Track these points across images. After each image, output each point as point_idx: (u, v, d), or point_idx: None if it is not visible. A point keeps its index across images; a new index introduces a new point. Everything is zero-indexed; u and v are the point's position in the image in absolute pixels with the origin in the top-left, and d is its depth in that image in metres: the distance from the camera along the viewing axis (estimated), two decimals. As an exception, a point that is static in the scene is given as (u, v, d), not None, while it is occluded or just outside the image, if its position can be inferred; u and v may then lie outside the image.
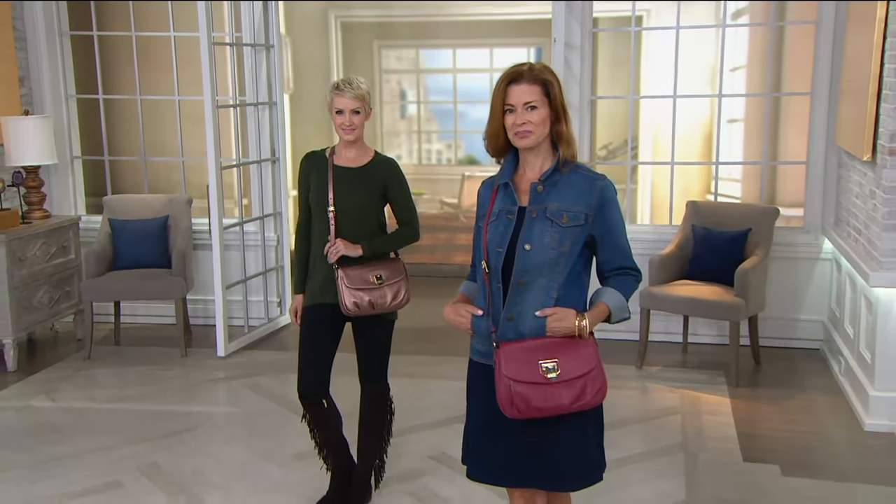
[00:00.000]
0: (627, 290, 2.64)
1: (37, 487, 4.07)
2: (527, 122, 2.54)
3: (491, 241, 2.59)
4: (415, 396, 5.07)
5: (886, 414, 4.59)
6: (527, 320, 2.56)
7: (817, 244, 5.85)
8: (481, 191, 2.72)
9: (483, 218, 2.65)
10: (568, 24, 5.91)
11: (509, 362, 2.51)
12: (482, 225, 2.64)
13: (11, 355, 5.70)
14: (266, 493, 3.99)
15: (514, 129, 2.55)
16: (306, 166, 3.69)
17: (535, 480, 2.65)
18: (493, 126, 2.60)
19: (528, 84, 2.55)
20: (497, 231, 2.59)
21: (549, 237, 2.54)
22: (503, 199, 2.62)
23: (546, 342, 2.53)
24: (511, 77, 2.57)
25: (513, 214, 2.59)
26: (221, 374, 5.60)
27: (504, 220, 2.59)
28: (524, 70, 2.57)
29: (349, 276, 3.56)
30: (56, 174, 6.65)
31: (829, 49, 5.67)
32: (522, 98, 2.54)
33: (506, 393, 2.50)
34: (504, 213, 2.60)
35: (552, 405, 2.50)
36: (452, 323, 2.68)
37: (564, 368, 2.51)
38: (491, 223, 2.61)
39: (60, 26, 6.61)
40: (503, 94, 2.56)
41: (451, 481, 4.03)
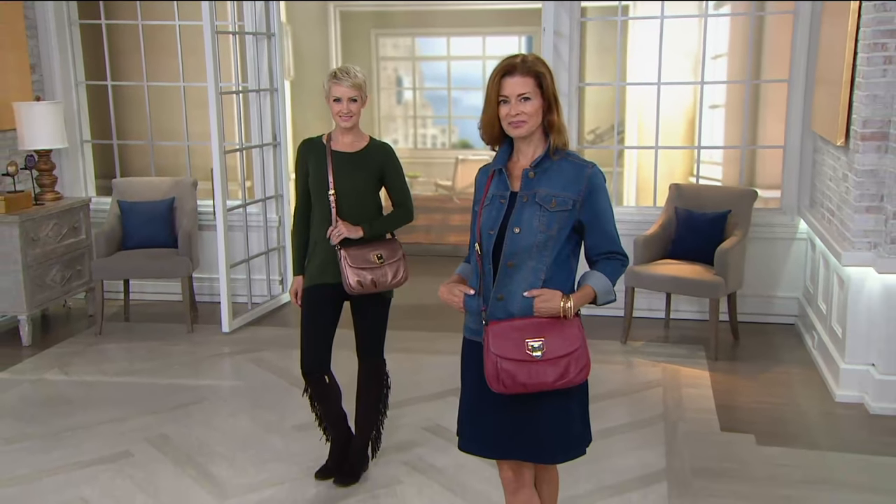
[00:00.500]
0: (614, 274, 2.64)
1: (50, 457, 4.10)
2: (520, 113, 2.53)
3: (484, 224, 2.60)
4: (411, 371, 5.10)
5: (855, 386, 4.63)
6: (516, 300, 2.57)
7: (793, 225, 5.87)
8: (478, 177, 2.73)
9: (479, 203, 2.66)
10: (557, 14, 5.89)
11: (497, 340, 2.53)
12: (477, 209, 2.66)
13: (26, 331, 5.71)
14: (269, 463, 4.02)
15: (508, 119, 2.55)
16: (304, 152, 3.69)
17: (520, 453, 2.67)
18: (489, 116, 2.60)
19: (522, 76, 2.54)
20: (490, 215, 2.60)
21: (538, 221, 2.54)
22: (497, 185, 2.63)
23: (533, 322, 2.54)
24: (505, 69, 2.55)
25: (505, 199, 2.60)
26: (226, 350, 5.62)
27: (497, 205, 2.60)
28: (517, 62, 2.55)
29: (352, 256, 3.57)
30: (67, 157, 6.64)
31: (806, 38, 5.67)
32: (516, 90, 2.53)
33: (493, 369, 2.52)
34: (497, 197, 2.61)
35: (536, 381, 2.51)
36: (446, 301, 2.69)
37: (549, 347, 2.52)
38: (485, 207, 2.62)
39: (70, 16, 6.57)
40: (498, 85, 2.55)
41: (444, 452, 4.06)
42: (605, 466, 3.92)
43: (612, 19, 7.63)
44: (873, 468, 3.93)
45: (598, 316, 5.56)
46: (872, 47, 4.37)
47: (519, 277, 2.56)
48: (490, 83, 2.58)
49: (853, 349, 4.62)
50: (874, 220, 4.49)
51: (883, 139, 4.43)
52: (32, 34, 6.44)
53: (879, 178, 4.46)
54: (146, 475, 3.91)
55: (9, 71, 6.08)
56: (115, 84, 6.74)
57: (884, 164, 4.44)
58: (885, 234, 4.42)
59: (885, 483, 3.80)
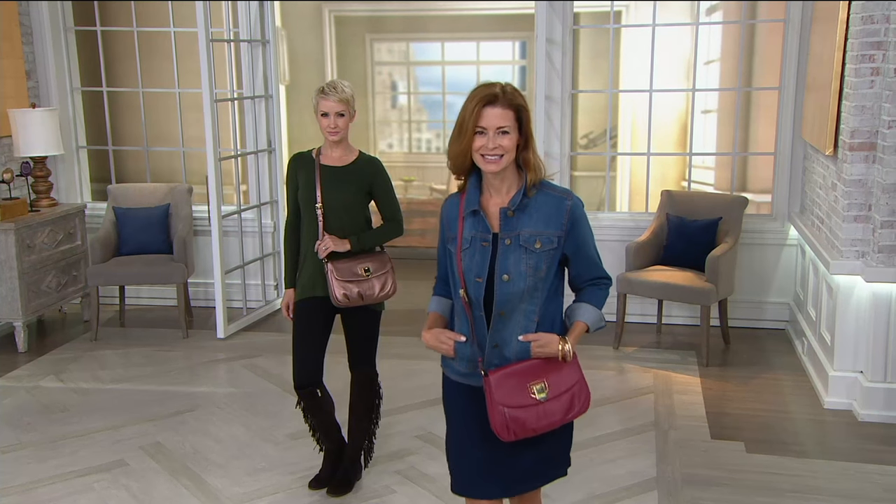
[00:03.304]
0: (601, 301, 2.57)
1: (46, 466, 4.10)
2: (498, 147, 2.37)
3: (468, 270, 2.45)
4: (403, 377, 5.11)
5: (844, 393, 4.66)
6: (511, 346, 2.46)
7: (784, 231, 5.89)
8: (446, 211, 2.55)
9: (453, 242, 2.50)
10: (550, 21, 5.90)
11: (500, 389, 2.41)
12: (453, 250, 2.49)
13: (22, 337, 5.72)
14: (263, 472, 4.03)
15: (484, 151, 2.38)
16: (294, 166, 3.71)
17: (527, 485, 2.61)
18: (462, 146, 2.39)
19: (503, 108, 2.37)
20: (473, 260, 2.45)
21: (525, 265, 2.42)
22: (474, 226, 2.46)
23: (531, 365, 2.45)
24: (487, 99, 2.37)
25: (487, 241, 2.44)
26: (221, 355, 5.62)
27: (479, 248, 2.45)
28: (499, 92, 2.38)
29: (338, 269, 3.59)
30: (62, 164, 6.64)
31: (797, 46, 5.69)
32: (496, 122, 2.36)
33: (500, 419, 2.41)
34: (477, 240, 2.45)
35: (545, 423, 2.45)
36: (434, 349, 2.54)
37: (552, 387, 2.44)
38: (465, 251, 2.46)
39: (65, 22, 6.57)
40: (476, 115, 2.36)
41: (436, 460, 4.07)
42: (596, 475, 3.94)
43: (604, 27, 7.65)
44: (861, 476, 3.96)
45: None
46: (860, 58, 4.39)
47: (512, 323, 2.45)
48: (466, 111, 2.38)
49: (842, 356, 4.64)
50: (862, 230, 4.51)
51: (871, 149, 4.46)
52: (28, 41, 6.43)
53: (867, 188, 4.48)
54: (141, 485, 3.92)
55: (4, 77, 6.08)
56: (110, 90, 6.74)
57: (871, 174, 4.47)
58: (873, 244, 4.44)
59: (872, 491, 3.82)
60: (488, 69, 10.63)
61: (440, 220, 2.58)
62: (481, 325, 2.47)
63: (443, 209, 2.57)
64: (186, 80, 6.52)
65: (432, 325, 2.62)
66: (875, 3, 4.31)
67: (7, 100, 6.10)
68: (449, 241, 2.53)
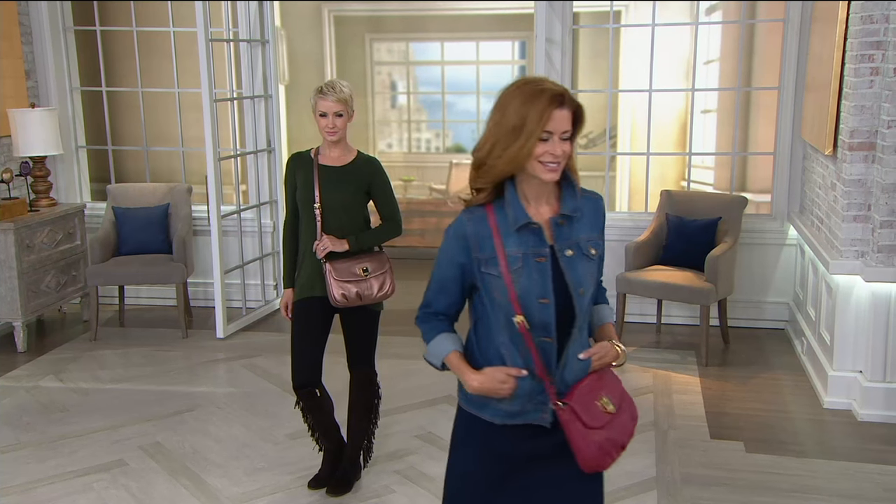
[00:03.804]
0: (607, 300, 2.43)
1: (45, 466, 4.10)
2: (563, 153, 2.09)
3: (527, 292, 2.12)
4: (403, 377, 5.11)
5: (843, 393, 4.66)
6: (571, 367, 2.20)
7: (783, 231, 5.89)
8: (470, 229, 2.17)
9: (489, 264, 2.15)
10: (549, 21, 5.90)
11: (587, 416, 2.16)
12: (494, 272, 2.14)
13: (21, 337, 5.71)
14: (262, 472, 4.03)
15: (547, 159, 2.08)
16: (293, 166, 3.71)
17: None
18: (518, 152, 2.06)
19: (569, 110, 2.08)
20: (531, 279, 2.13)
21: (590, 274, 2.19)
22: (522, 242, 2.14)
23: (591, 383, 2.21)
24: (558, 100, 2.06)
25: (544, 256, 2.14)
26: (221, 355, 5.62)
27: (535, 265, 2.14)
28: (564, 92, 2.08)
29: (337, 269, 3.59)
30: (62, 163, 6.64)
31: (796, 46, 5.69)
32: (563, 126, 2.07)
33: (595, 447, 2.17)
34: (531, 256, 2.14)
35: (627, 435, 2.24)
36: (490, 393, 2.18)
37: (613, 395, 2.23)
38: (515, 271, 2.13)
39: (64, 22, 6.57)
40: (547, 117, 2.05)
41: (436, 460, 4.07)
42: (595, 475, 3.93)
43: (604, 27, 7.65)
44: (861, 476, 3.95)
45: (590, 322, 5.58)
46: (860, 58, 4.39)
47: (578, 343, 2.21)
48: (530, 112, 2.05)
49: (841, 356, 4.64)
50: (862, 230, 4.51)
51: (870, 149, 4.46)
52: (27, 40, 6.43)
53: (867, 188, 4.48)
54: (140, 485, 3.92)
55: (4, 77, 6.08)
56: (109, 90, 6.74)
57: (871, 174, 4.47)
58: (873, 244, 4.44)
59: (872, 491, 3.82)
60: (488, 69, 10.64)
61: (456, 240, 2.19)
62: (549, 351, 2.17)
63: (461, 227, 2.18)
64: (186, 80, 6.52)
65: (464, 366, 2.23)
66: (874, 3, 4.31)
67: (6, 99, 6.10)
68: (481, 263, 2.16)
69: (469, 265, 2.19)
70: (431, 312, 2.31)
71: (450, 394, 4.89)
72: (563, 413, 2.16)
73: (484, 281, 2.17)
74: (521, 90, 2.09)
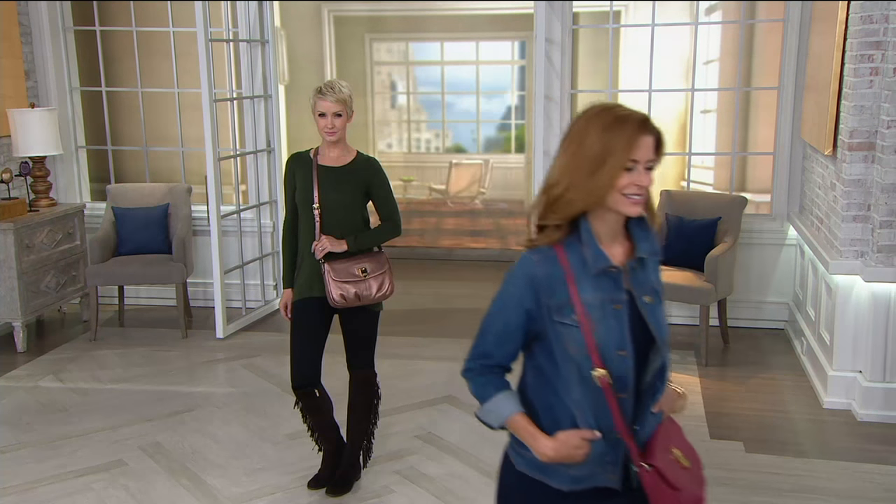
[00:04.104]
0: None
1: (45, 466, 4.10)
2: (649, 184, 1.90)
3: (605, 343, 1.92)
4: (403, 377, 5.11)
5: (843, 393, 4.66)
6: (646, 423, 2.00)
7: (783, 231, 5.89)
8: (541, 271, 1.94)
9: (564, 312, 1.93)
10: (549, 21, 5.89)
11: (672, 475, 1.98)
12: (568, 322, 1.92)
13: (21, 337, 5.71)
14: (262, 472, 4.03)
15: (632, 191, 1.88)
16: (292, 167, 3.71)
17: None
18: (599, 184, 1.87)
19: (652, 137, 1.90)
20: (609, 329, 1.92)
21: (666, 322, 2.01)
22: (598, 286, 1.93)
23: (662, 437, 2.01)
24: (643, 125, 1.88)
25: (621, 303, 1.94)
26: (220, 355, 5.62)
27: (612, 313, 1.93)
28: (647, 116, 1.90)
29: (335, 269, 3.58)
30: (61, 163, 6.64)
31: (796, 46, 5.69)
32: (648, 153, 1.89)
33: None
34: (608, 303, 1.93)
35: (702, 486, 2.07)
36: (564, 460, 1.96)
37: (681, 446, 2.04)
38: (594, 320, 1.92)
39: (64, 22, 6.57)
40: (633, 143, 1.87)
41: (435, 460, 4.08)
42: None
43: (603, 27, 7.65)
44: (860, 476, 3.95)
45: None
46: (859, 58, 4.39)
47: (655, 398, 2.01)
48: (615, 139, 1.87)
49: (841, 356, 4.64)
50: (861, 230, 4.51)
51: (870, 149, 4.46)
52: (27, 41, 6.43)
53: (866, 188, 4.48)
54: (140, 485, 3.92)
55: (3, 77, 6.07)
56: (109, 90, 6.74)
57: (870, 174, 4.47)
58: (872, 244, 4.44)
59: (872, 491, 3.82)
60: (487, 69, 10.65)
61: (524, 283, 1.96)
62: (628, 408, 1.96)
63: (530, 268, 1.96)
64: (185, 80, 6.52)
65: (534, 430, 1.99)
66: (874, 2, 4.31)
67: (6, 100, 6.10)
68: (552, 311, 1.94)
69: (537, 312, 1.95)
70: (489, 365, 2.04)
71: (449, 394, 4.89)
72: (649, 476, 1.95)
73: (556, 331, 1.94)
74: (600, 117, 1.90)
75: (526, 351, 2.05)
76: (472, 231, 9.29)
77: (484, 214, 10.20)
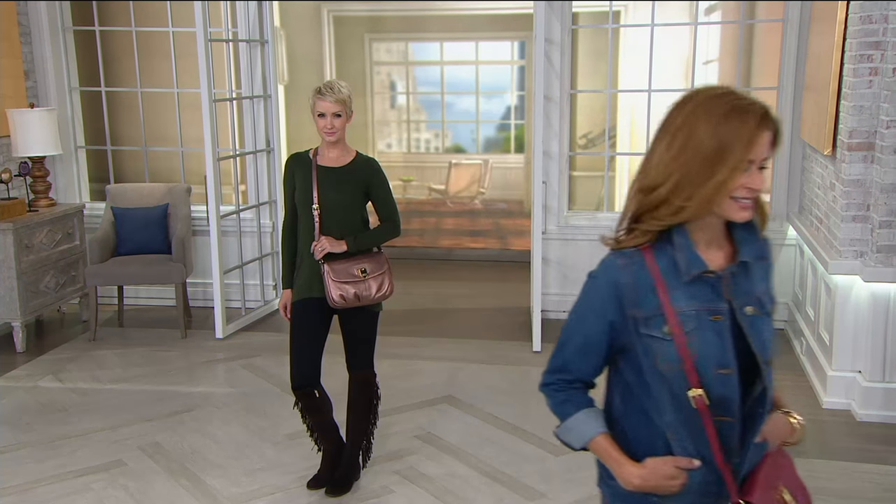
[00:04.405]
0: None
1: (44, 466, 4.10)
2: (762, 187, 1.67)
3: (703, 359, 1.69)
4: (401, 378, 5.11)
5: (842, 393, 4.66)
6: (748, 453, 1.78)
7: (782, 231, 5.89)
8: (626, 277, 1.72)
9: (653, 324, 1.71)
10: (548, 21, 5.90)
11: None
12: (658, 335, 1.70)
13: (20, 337, 5.71)
14: (261, 472, 4.03)
15: (742, 193, 1.65)
16: (291, 167, 3.70)
17: None
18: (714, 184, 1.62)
19: (772, 132, 1.65)
20: (708, 343, 1.70)
21: (773, 337, 1.79)
22: (693, 295, 1.71)
23: (768, 471, 1.80)
24: (765, 119, 1.63)
25: (722, 314, 1.71)
26: (220, 355, 5.62)
27: (709, 326, 1.70)
28: (767, 107, 1.66)
29: (335, 270, 3.58)
30: (61, 163, 6.63)
31: (795, 46, 5.70)
32: (765, 151, 1.64)
33: None
34: (705, 314, 1.70)
35: None
36: (654, 490, 1.76)
37: (791, 484, 1.85)
38: (688, 333, 1.69)
39: (63, 22, 6.57)
40: (754, 142, 1.62)
41: (435, 460, 4.08)
42: (594, 474, 3.92)
43: (603, 27, 7.65)
44: (860, 476, 3.95)
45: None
46: (858, 58, 4.39)
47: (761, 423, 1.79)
48: (731, 132, 1.61)
49: (840, 356, 4.64)
50: (861, 230, 4.51)
51: (869, 149, 4.46)
52: (26, 41, 6.43)
53: (866, 188, 4.48)
54: (139, 485, 3.92)
55: (3, 77, 6.07)
56: (108, 90, 6.74)
57: (870, 174, 4.47)
58: (872, 244, 4.44)
59: (871, 491, 3.82)
60: (487, 69, 10.65)
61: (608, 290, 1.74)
62: (729, 434, 1.73)
63: (614, 274, 1.74)
64: (185, 80, 6.52)
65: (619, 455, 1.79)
66: (873, 3, 4.31)
67: (5, 100, 6.10)
68: (639, 322, 1.72)
69: (621, 323, 1.74)
70: (568, 380, 1.84)
71: (449, 394, 4.90)
72: None
73: (644, 345, 1.72)
74: (714, 105, 1.63)
75: (611, 365, 1.85)
76: (472, 231, 9.30)
77: (483, 214, 10.21)
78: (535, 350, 5.55)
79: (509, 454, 4.14)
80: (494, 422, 4.51)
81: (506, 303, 6.57)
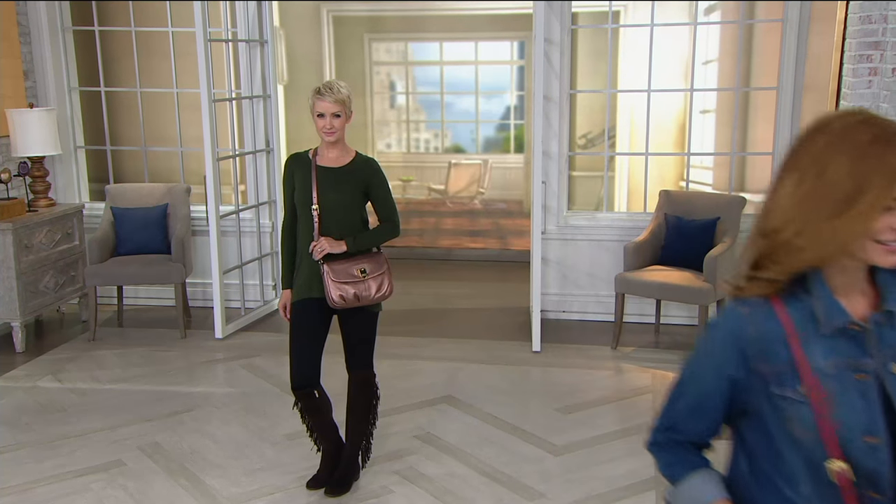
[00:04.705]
0: None
1: (43, 466, 4.10)
2: None
3: (846, 425, 1.46)
4: (401, 378, 5.11)
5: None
6: None
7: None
8: (750, 328, 1.51)
9: (786, 382, 1.49)
10: (548, 21, 5.90)
11: None
12: (793, 395, 1.48)
13: (20, 337, 5.71)
14: (261, 472, 4.03)
15: (888, 236, 1.43)
16: (291, 167, 3.70)
17: None
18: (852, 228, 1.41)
19: None
20: (852, 406, 1.47)
21: None
22: (836, 350, 1.48)
23: None
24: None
25: (867, 373, 1.48)
26: (219, 355, 5.62)
27: (854, 386, 1.47)
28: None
29: (334, 270, 3.58)
30: (60, 164, 6.63)
31: (794, 46, 5.69)
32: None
33: None
34: (849, 372, 1.48)
35: None
36: None
37: None
38: (829, 394, 1.47)
39: (63, 22, 6.56)
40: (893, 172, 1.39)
41: (435, 460, 4.07)
42: (594, 475, 3.93)
43: (603, 27, 7.65)
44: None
45: (589, 321, 5.60)
46: (858, 58, 4.39)
47: None
48: (872, 168, 1.39)
49: (840, 356, 4.63)
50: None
51: (869, 149, 4.45)
52: (26, 40, 6.43)
53: (866, 188, 4.48)
54: (139, 485, 3.91)
55: (2, 77, 6.07)
56: (108, 90, 6.74)
57: (870, 174, 4.46)
58: None
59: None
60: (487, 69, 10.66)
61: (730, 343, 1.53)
62: None
63: (738, 324, 1.52)
64: (184, 80, 6.52)
65: None
66: (873, 3, 4.31)
67: (5, 100, 6.09)
68: (769, 380, 1.51)
69: (745, 381, 1.53)
70: (678, 440, 1.64)
71: (448, 394, 4.90)
72: None
73: (775, 406, 1.51)
74: (851, 135, 1.43)
75: (733, 429, 1.63)
76: (471, 231, 9.30)
77: (483, 214, 10.22)
78: (535, 350, 5.55)
79: (509, 454, 4.14)
80: (494, 422, 4.51)
81: (505, 303, 6.58)
